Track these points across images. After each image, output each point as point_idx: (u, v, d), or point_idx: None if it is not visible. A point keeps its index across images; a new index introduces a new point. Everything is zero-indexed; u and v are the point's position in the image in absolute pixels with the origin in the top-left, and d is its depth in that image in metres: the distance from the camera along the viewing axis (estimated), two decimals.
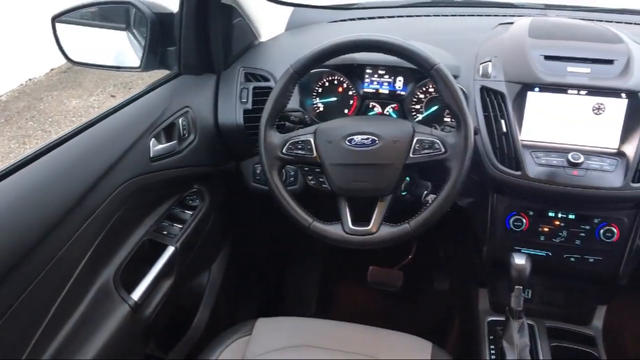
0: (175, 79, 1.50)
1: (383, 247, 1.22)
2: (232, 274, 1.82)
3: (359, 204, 1.26)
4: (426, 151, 1.20)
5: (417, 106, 1.53)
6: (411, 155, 1.21)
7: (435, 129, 1.29)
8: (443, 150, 1.20)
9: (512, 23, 1.56)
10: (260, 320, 1.35)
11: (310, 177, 1.34)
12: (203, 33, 1.49)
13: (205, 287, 1.68)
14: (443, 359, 1.27)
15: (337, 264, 2.25)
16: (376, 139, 1.22)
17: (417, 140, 1.21)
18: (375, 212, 1.23)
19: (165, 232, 1.41)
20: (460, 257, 1.94)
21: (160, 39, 1.48)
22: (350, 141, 1.23)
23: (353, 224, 1.22)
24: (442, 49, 1.52)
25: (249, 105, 1.51)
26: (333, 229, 1.23)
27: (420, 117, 1.53)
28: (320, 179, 1.32)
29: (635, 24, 1.72)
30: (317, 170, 1.31)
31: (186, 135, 1.43)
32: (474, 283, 1.62)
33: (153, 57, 1.49)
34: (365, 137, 1.23)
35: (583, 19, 1.67)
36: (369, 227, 1.21)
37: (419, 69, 1.25)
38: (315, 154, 1.24)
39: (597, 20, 1.67)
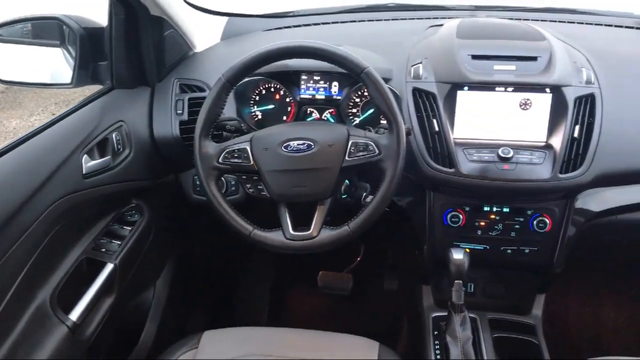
0: (108, 93, 1.48)
1: (325, 250, 1.22)
2: (179, 288, 1.79)
3: (299, 209, 1.27)
4: (361, 153, 1.22)
5: (354, 110, 1.55)
6: (347, 158, 1.22)
7: (370, 131, 1.30)
8: (377, 151, 1.21)
9: (441, 25, 1.59)
10: (207, 333, 1.33)
11: (248, 185, 1.34)
12: (134, 46, 1.47)
13: (151, 303, 1.65)
14: (390, 358, 1.28)
15: (288, 271, 2.25)
16: (312, 143, 1.23)
17: (352, 143, 1.23)
18: (316, 216, 1.24)
19: (103, 250, 1.38)
20: (406, 256, 1.96)
21: (90, 54, 1.46)
22: (286, 147, 1.23)
23: (294, 230, 1.23)
24: (375, 52, 1.55)
25: (185, 117, 1.50)
26: (274, 236, 1.23)
27: (357, 120, 1.55)
28: (259, 187, 1.32)
29: (559, 21, 1.78)
30: (255, 178, 1.31)
31: (121, 149, 1.41)
32: (419, 281, 1.65)
33: (84, 72, 1.46)
34: (301, 142, 1.23)
35: (511, 19, 1.73)
36: (309, 232, 1.22)
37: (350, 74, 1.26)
38: (252, 161, 1.24)
39: (523, 20, 1.73)
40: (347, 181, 1.37)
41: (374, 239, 2.04)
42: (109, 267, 1.35)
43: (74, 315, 1.25)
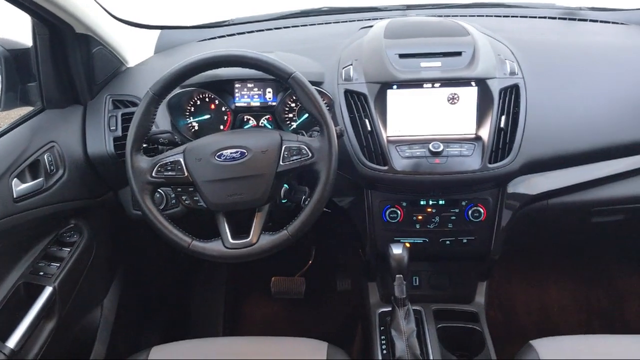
0: (39, 114, 1.45)
1: (265, 256, 1.23)
2: (129, 305, 1.77)
3: (239, 217, 1.27)
4: (295, 157, 1.23)
5: (290, 115, 1.56)
6: (281, 163, 1.23)
7: (303, 135, 1.32)
8: (310, 155, 1.23)
9: (372, 26, 1.62)
10: (155, 348, 1.32)
11: (184, 197, 1.33)
12: (62, 65, 1.45)
13: (99, 323, 1.62)
14: (338, 358, 1.29)
15: (241, 279, 2.24)
16: (245, 151, 1.24)
17: (286, 147, 1.24)
18: (254, 223, 1.24)
19: (42, 273, 1.35)
20: (353, 255, 1.99)
21: (17, 76, 1.43)
22: (219, 156, 1.23)
23: (233, 238, 1.23)
24: (308, 57, 1.57)
25: (119, 133, 1.48)
26: (213, 246, 1.23)
27: (294, 125, 1.56)
28: (195, 198, 1.32)
29: (486, 16, 1.84)
30: (190, 189, 1.30)
31: (54, 170, 1.38)
32: (365, 278, 1.67)
33: (13, 95, 1.44)
34: (234, 150, 1.24)
35: (440, 16, 1.77)
36: (249, 239, 1.22)
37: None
38: (186, 173, 1.24)
39: (452, 16, 1.77)
40: (286, 185, 1.38)
41: (323, 241, 2.06)
42: (48, 290, 1.33)
43: (12, 342, 1.22)
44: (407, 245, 1.41)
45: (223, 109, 1.56)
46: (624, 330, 1.36)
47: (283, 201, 1.38)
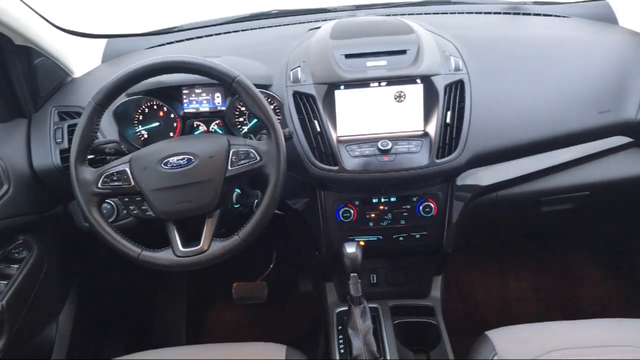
0: None
1: (217, 262, 1.22)
2: (87, 319, 1.74)
3: (189, 224, 1.26)
4: (243, 161, 1.23)
5: (241, 119, 1.55)
6: (230, 167, 1.22)
7: (251, 139, 1.32)
8: (258, 158, 1.23)
9: (319, 27, 1.63)
10: None
11: (132, 207, 1.31)
12: (3, 78, 1.42)
13: (54, 339, 1.59)
14: (296, 359, 1.29)
15: (202, 286, 2.23)
16: (192, 157, 1.23)
17: (234, 152, 1.23)
18: (205, 229, 1.23)
19: None
20: (312, 256, 2.00)
21: None
22: (166, 164, 1.23)
23: (184, 246, 1.22)
24: (256, 60, 1.57)
25: (65, 145, 1.46)
26: (163, 255, 1.22)
27: (245, 129, 1.56)
28: (143, 207, 1.30)
29: (433, 13, 1.86)
30: (137, 199, 1.29)
31: None
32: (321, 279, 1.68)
33: None
34: (181, 157, 1.23)
35: (389, 15, 1.79)
36: (199, 246, 1.21)
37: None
38: (132, 182, 1.23)
39: (400, 15, 1.79)
40: (238, 190, 1.37)
41: (283, 244, 2.06)
42: None
43: None
44: (362, 243, 1.44)
45: (172, 115, 1.55)
46: (580, 316, 1.39)
47: (236, 206, 1.37)
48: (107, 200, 1.41)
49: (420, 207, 1.46)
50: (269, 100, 1.48)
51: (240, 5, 2.09)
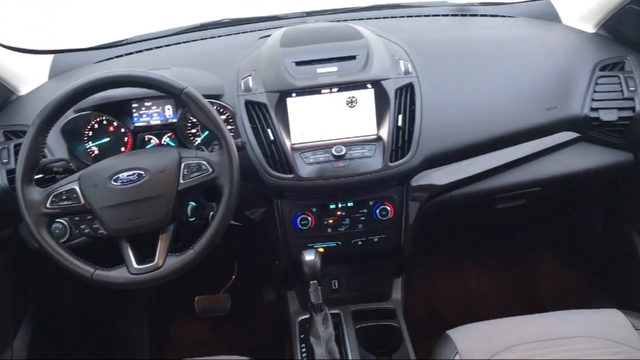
0: None
1: (173, 278, 1.20)
2: (43, 345, 1.69)
3: (143, 240, 1.24)
4: (195, 174, 1.21)
5: (193, 130, 1.54)
6: (181, 181, 1.21)
7: (203, 150, 1.30)
8: (211, 170, 1.21)
9: (270, 35, 1.62)
10: None
11: (83, 226, 1.28)
12: None
13: None
14: None
15: (165, 301, 2.19)
16: (142, 172, 1.21)
17: (185, 165, 1.22)
18: (159, 245, 1.22)
19: None
20: (273, 266, 1.99)
21: None
22: (116, 180, 1.20)
23: (138, 263, 1.20)
24: (207, 70, 1.55)
25: (12, 165, 1.42)
26: (117, 274, 1.19)
27: (199, 140, 1.54)
28: (95, 226, 1.26)
29: (383, 18, 1.88)
30: (89, 217, 1.26)
31: None
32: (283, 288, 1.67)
33: None
34: (131, 173, 1.21)
35: (339, 21, 1.79)
36: (154, 263, 1.19)
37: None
38: (82, 201, 1.20)
39: (350, 20, 1.80)
40: (192, 203, 1.35)
41: (244, 254, 2.04)
42: None
43: None
44: (321, 250, 1.43)
45: (122, 130, 1.52)
46: (540, 309, 1.42)
47: (191, 219, 1.35)
48: (59, 220, 1.38)
49: (377, 211, 1.47)
50: (221, 110, 1.47)
51: (190, 14, 2.08)
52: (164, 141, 1.54)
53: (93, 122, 1.52)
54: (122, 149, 1.54)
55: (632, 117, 1.52)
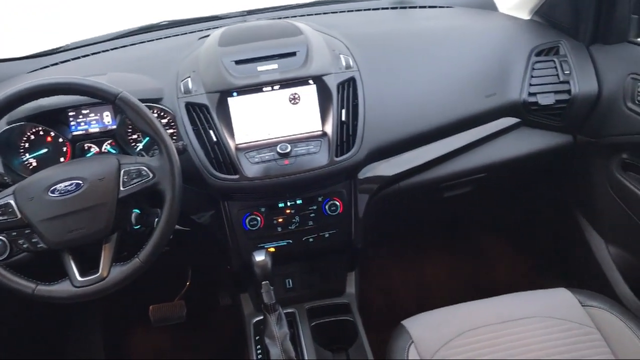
0: None
1: (119, 288, 1.17)
2: None
3: (86, 252, 1.20)
4: (135, 180, 1.18)
5: (134, 136, 1.50)
6: (122, 188, 1.18)
7: (143, 156, 1.27)
8: (151, 175, 1.19)
9: (209, 36, 1.60)
10: None
11: (21, 242, 1.22)
12: None
13: None
14: None
15: (120, 312, 2.14)
16: (80, 182, 1.17)
17: (125, 171, 1.19)
18: (103, 255, 1.18)
19: None
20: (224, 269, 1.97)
21: None
22: (53, 191, 1.16)
23: (82, 275, 1.16)
24: (145, 74, 1.52)
25: None
26: (60, 288, 1.15)
27: (140, 145, 1.50)
28: (34, 240, 1.22)
29: (323, 13, 1.88)
30: (27, 231, 1.21)
31: None
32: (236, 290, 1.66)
33: None
34: (69, 183, 1.17)
35: (280, 18, 1.78)
36: (99, 274, 1.16)
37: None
38: (19, 215, 1.15)
39: (291, 17, 1.79)
40: (137, 210, 1.32)
41: (197, 259, 2.01)
42: None
43: None
44: (271, 250, 1.42)
45: (60, 140, 1.47)
46: (495, 293, 1.45)
47: (136, 227, 1.32)
48: None
49: (327, 206, 1.46)
50: (161, 114, 1.44)
51: (127, 20, 2.03)
52: (105, 149, 1.50)
53: (29, 133, 1.46)
54: (62, 159, 1.49)
55: (568, 99, 1.56)
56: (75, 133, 1.47)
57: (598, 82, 1.56)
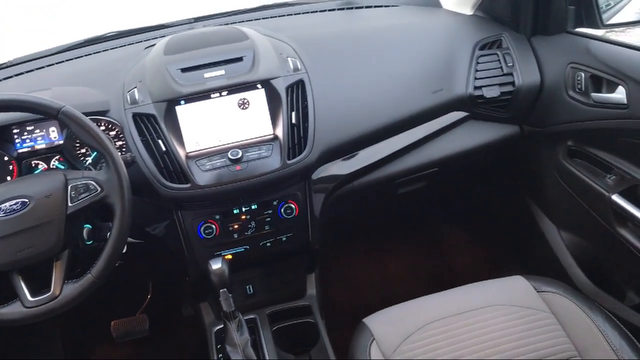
0: None
1: (73, 306, 1.15)
2: None
3: (38, 271, 1.17)
4: (83, 195, 1.16)
5: (82, 150, 1.47)
6: (70, 204, 1.16)
7: (90, 170, 1.25)
8: (99, 189, 1.17)
9: (154, 45, 1.58)
10: None
11: None
12: None
13: None
14: None
15: (79, 331, 2.09)
16: (26, 200, 1.14)
17: (72, 187, 1.17)
18: (54, 274, 1.16)
19: None
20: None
21: None
22: None
23: (33, 295, 1.13)
24: (91, 87, 1.49)
25: None
26: (11, 309, 1.12)
27: (89, 159, 1.47)
28: None
29: (271, 17, 1.87)
30: None
31: None
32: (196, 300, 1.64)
33: None
34: (14, 202, 1.14)
35: (227, 24, 1.77)
36: (51, 292, 1.13)
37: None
38: None
39: (238, 22, 1.78)
40: (88, 226, 1.30)
41: (157, 272, 1.99)
42: None
43: None
44: (228, 257, 1.41)
45: (5, 158, 1.43)
46: (457, 285, 1.47)
47: (88, 242, 1.29)
48: None
49: (282, 210, 1.46)
50: (109, 126, 1.41)
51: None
52: (53, 165, 1.47)
53: None
54: (8, 177, 1.45)
55: (512, 91, 1.60)
56: (20, 150, 1.43)
57: (540, 72, 1.61)
